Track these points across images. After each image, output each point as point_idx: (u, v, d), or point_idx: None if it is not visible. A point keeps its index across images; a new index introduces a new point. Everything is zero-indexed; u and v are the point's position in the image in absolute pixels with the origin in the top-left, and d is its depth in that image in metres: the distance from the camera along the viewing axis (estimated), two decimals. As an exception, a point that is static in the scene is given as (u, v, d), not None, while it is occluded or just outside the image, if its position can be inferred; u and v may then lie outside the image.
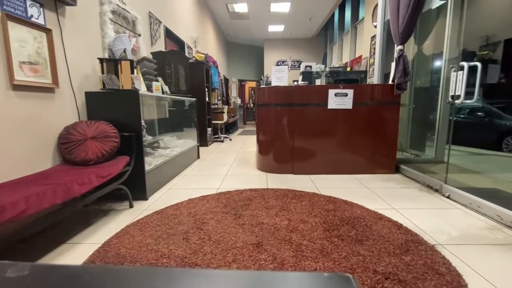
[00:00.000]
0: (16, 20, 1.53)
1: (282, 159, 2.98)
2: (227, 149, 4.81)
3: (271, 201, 2.08)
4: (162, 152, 2.86)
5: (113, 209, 1.97)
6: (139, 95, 2.07)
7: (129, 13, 2.78)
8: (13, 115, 1.52)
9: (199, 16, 6.27)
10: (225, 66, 10.20)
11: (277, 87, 2.95)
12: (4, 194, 1.19)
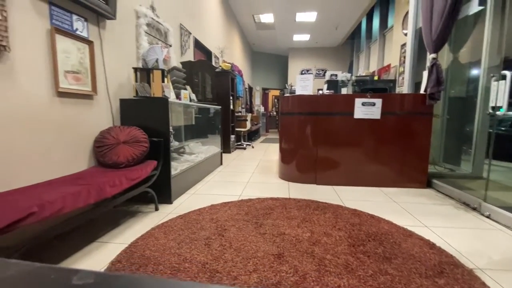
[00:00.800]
0: (63, 33, 1.69)
1: (305, 169, 2.93)
2: (249, 156, 4.84)
3: (293, 211, 2.05)
4: (187, 157, 2.95)
5: (140, 211, 2.05)
6: (169, 102, 2.16)
7: (162, 25, 2.94)
8: (56, 119, 1.66)
9: (227, 27, 6.48)
10: (249, 74, 10.38)
11: (301, 96, 2.93)
12: (44, 192, 1.29)
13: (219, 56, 5.64)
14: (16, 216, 1.02)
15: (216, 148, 3.80)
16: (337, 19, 7.59)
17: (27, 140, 1.48)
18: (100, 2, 1.90)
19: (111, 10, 2.00)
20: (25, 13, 1.46)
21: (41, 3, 1.55)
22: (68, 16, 1.73)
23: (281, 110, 3.13)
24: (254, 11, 7.14)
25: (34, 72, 1.51)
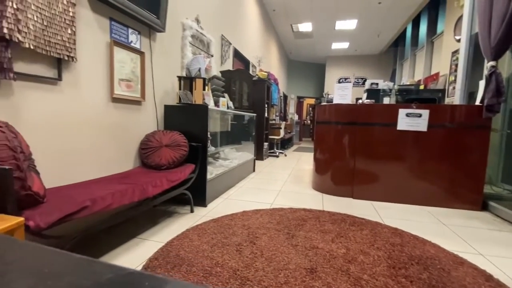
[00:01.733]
0: (119, 45, 1.87)
1: (340, 181, 2.82)
2: (282, 164, 4.80)
3: (327, 225, 1.97)
4: (222, 162, 3.03)
5: (176, 212, 2.15)
6: (208, 109, 2.26)
7: (205, 36, 3.11)
8: (110, 122, 1.83)
9: (265, 37, 6.61)
10: (285, 83, 10.40)
11: (339, 105, 2.85)
12: (96, 189, 1.42)
13: (256, 65, 5.76)
14: (72, 209, 1.14)
15: (249, 155, 3.85)
16: (379, 26, 7.29)
17: (85, 140, 1.65)
18: (152, 17, 2.08)
19: (161, 24, 2.18)
20: (90, 28, 1.66)
21: (103, 19, 1.75)
22: (124, 30, 1.92)
23: (317, 118, 3.07)
24: (292, 20, 7.19)
25: (95, 80, 1.69)
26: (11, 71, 1.20)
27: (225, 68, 3.96)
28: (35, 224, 0.98)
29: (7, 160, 0.99)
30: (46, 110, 1.41)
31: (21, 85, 1.29)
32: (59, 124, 1.48)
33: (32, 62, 1.34)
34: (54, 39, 1.39)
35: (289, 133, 8.08)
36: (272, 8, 6.51)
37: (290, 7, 6.39)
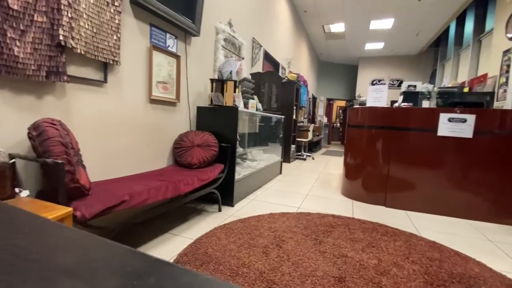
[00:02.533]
0: (158, 49, 1.98)
1: (372, 187, 2.69)
2: (309, 168, 4.71)
3: (357, 233, 1.89)
4: (249, 163, 3.05)
5: (205, 210, 2.21)
6: (238, 111, 2.30)
7: (237, 39, 3.17)
8: (147, 122, 1.94)
9: (295, 39, 6.56)
10: (314, 84, 10.22)
11: (373, 108, 2.73)
12: (134, 184, 1.51)
13: (286, 67, 5.73)
14: (112, 202, 1.22)
15: (276, 157, 3.83)
16: (418, 25, 6.86)
17: (125, 139, 1.77)
18: (189, 22, 2.17)
19: (196, 28, 2.26)
20: (132, 34, 1.77)
21: (145, 25, 1.86)
22: (163, 35, 2.03)
23: (349, 122, 2.97)
24: (324, 21, 7.04)
25: (135, 82, 1.81)
26: (65, 74, 1.33)
27: (255, 70, 3.99)
28: (81, 214, 1.07)
29: (60, 155, 1.09)
30: (93, 110, 1.54)
31: (72, 87, 1.43)
32: (103, 123, 1.61)
33: (82, 66, 1.47)
34: (101, 45, 1.51)
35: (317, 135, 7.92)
36: (304, 9, 6.44)
37: (322, 7, 6.27)
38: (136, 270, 0.10)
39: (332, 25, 7.23)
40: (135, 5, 1.75)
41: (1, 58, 1.12)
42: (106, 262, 0.11)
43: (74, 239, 0.14)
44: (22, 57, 1.18)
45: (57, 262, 0.10)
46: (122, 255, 0.11)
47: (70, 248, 0.12)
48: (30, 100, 1.26)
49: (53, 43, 1.28)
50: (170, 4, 1.95)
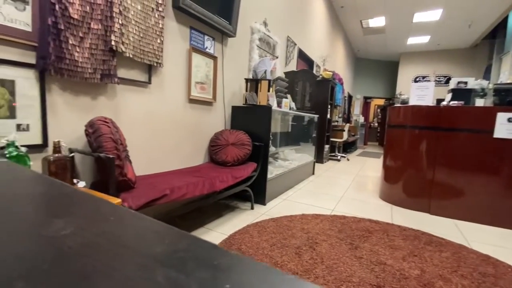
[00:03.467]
0: (197, 51, 2.06)
1: (415, 193, 2.50)
2: (344, 169, 4.54)
3: (397, 240, 1.78)
4: (281, 163, 3.04)
5: (238, 207, 2.26)
6: (272, 110, 2.30)
7: (272, 39, 3.17)
8: (186, 121, 2.04)
9: (331, 36, 6.36)
10: (350, 82, 9.81)
11: (417, 107, 2.53)
12: (174, 179, 1.60)
13: (321, 65, 5.59)
14: (155, 195, 1.31)
15: (309, 157, 3.76)
16: (470, 15, 6.20)
17: (166, 136, 1.88)
18: (226, 23, 2.22)
19: (233, 29, 2.31)
20: (174, 37, 1.87)
21: (185, 28, 1.95)
22: (201, 37, 2.10)
23: (389, 121, 2.79)
24: (362, 16, 6.72)
25: (176, 83, 1.91)
26: (115, 76, 1.45)
27: (289, 69, 3.96)
28: (128, 206, 1.16)
29: (111, 150, 1.20)
30: (138, 109, 1.66)
31: (121, 88, 1.55)
32: (147, 121, 1.72)
33: (130, 68, 1.59)
34: (147, 48, 1.62)
35: (353, 136, 7.59)
36: (340, 5, 6.20)
37: (360, 1, 5.98)
38: (222, 264, 0.11)
39: (371, 20, 6.86)
40: (177, 9, 1.84)
41: (64, 62, 1.26)
42: (193, 253, 0.12)
43: (156, 229, 0.15)
44: (80, 62, 1.31)
45: (148, 250, 0.11)
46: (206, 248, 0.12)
47: (154, 237, 0.14)
48: (87, 101, 1.40)
49: (106, 48, 1.40)
50: (208, 6, 2.02)
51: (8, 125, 1.13)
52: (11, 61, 1.12)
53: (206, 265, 0.10)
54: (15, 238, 0.12)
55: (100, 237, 0.13)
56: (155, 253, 0.11)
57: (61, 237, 0.12)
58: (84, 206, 0.18)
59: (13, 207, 0.17)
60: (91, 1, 1.33)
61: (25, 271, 0.09)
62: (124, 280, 0.09)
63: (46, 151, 1.25)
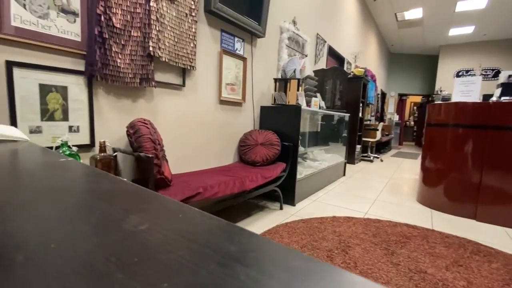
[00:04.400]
0: (227, 53, 2.11)
1: (458, 197, 2.31)
2: (377, 171, 4.33)
3: (438, 247, 1.66)
4: (310, 163, 2.99)
5: (267, 207, 2.26)
6: (301, 110, 2.27)
7: (301, 37, 3.13)
8: (217, 121, 2.09)
9: (362, 31, 6.10)
10: (384, 79, 9.33)
11: (462, 103, 2.33)
12: (206, 178, 1.65)
13: (352, 62, 5.39)
14: (190, 193, 1.36)
15: (339, 157, 3.64)
16: (527, -1, 5.54)
17: (199, 136, 1.94)
18: (255, 24, 2.24)
19: (262, 30, 2.32)
20: (206, 40, 1.93)
21: (216, 31, 2.00)
22: (231, 39, 2.14)
23: (429, 120, 2.61)
24: (397, 8, 6.34)
25: (207, 85, 1.97)
26: (153, 80, 1.53)
27: (318, 67, 3.88)
28: (165, 203, 1.22)
29: (150, 150, 1.27)
30: (173, 111, 1.74)
31: (158, 91, 1.64)
32: (181, 122, 1.80)
33: (166, 72, 1.67)
34: (181, 52, 1.69)
35: (387, 135, 7.21)
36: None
37: (395, -7, 5.66)
38: (298, 267, 0.11)
39: (407, 12, 6.46)
40: (209, 13, 1.90)
41: (108, 69, 1.36)
42: (266, 254, 0.12)
43: (223, 228, 0.15)
44: (122, 67, 1.41)
45: (223, 248, 0.12)
46: (277, 249, 0.12)
47: (225, 236, 0.14)
48: (128, 103, 1.50)
49: (144, 54, 1.49)
50: (238, 9, 2.05)
51: (62, 126, 1.26)
52: (64, 69, 1.24)
53: (282, 267, 0.11)
54: (102, 231, 0.14)
55: (176, 233, 0.14)
56: (230, 251, 0.12)
57: (140, 232, 0.13)
58: (151, 203, 0.19)
59: (91, 202, 0.19)
60: (131, 11, 1.42)
61: (121, 264, 0.10)
62: (211, 277, 0.10)
63: (93, 150, 1.36)
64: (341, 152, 3.79)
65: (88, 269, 0.10)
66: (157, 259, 0.11)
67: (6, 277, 0.10)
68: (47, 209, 0.17)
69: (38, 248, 0.12)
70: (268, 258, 0.11)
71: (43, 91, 1.19)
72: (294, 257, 0.12)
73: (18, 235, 0.13)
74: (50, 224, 0.15)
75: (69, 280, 0.09)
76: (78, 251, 0.11)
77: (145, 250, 0.12)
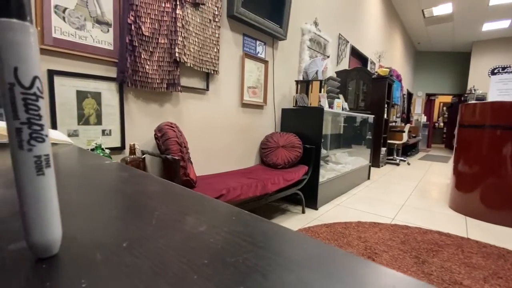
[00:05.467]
0: (249, 57, 2.13)
1: (496, 203, 2.14)
2: (404, 174, 4.14)
3: (474, 257, 1.55)
4: (333, 166, 2.92)
5: (288, 210, 2.24)
6: (324, 111, 2.23)
7: (322, 38, 3.09)
8: (239, 124, 2.11)
9: (387, 30, 5.90)
10: (410, 78, 8.93)
11: (499, 103, 2.17)
12: (229, 180, 1.67)
13: (376, 62, 5.22)
14: (213, 195, 1.38)
15: (364, 161, 3.53)
16: None
17: (221, 139, 1.97)
18: (276, 27, 2.25)
19: (283, 32, 2.32)
20: (228, 45, 1.96)
21: (238, 35, 2.03)
22: (253, 42, 2.16)
23: (461, 121, 2.45)
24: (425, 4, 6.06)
25: (230, 89, 2.00)
26: (179, 85, 1.58)
27: (341, 68, 3.79)
28: (191, 204, 1.25)
29: (176, 152, 1.31)
30: (198, 114, 1.78)
31: (183, 96, 1.69)
32: (205, 126, 1.84)
33: (191, 77, 1.72)
34: (205, 58, 1.73)
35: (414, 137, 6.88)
36: (398, -5, 5.71)
37: (422, -11, 5.42)
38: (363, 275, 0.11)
39: (436, 8, 6.15)
40: (231, 18, 1.93)
41: (138, 75, 1.43)
42: (332, 261, 0.12)
43: (281, 232, 0.16)
44: (150, 73, 1.47)
45: (286, 253, 0.12)
46: (340, 256, 0.12)
47: (284, 240, 0.14)
48: (155, 108, 1.56)
49: (171, 60, 1.55)
50: (260, 12, 2.07)
51: (96, 130, 1.34)
52: (98, 76, 1.32)
53: (352, 273, 0.11)
54: (165, 232, 0.15)
55: (235, 236, 0.14)
56: (293, 256, 0.12)
57: (200, 233, 0.14)
58: (201, 204, 0.20)
59: (145, 203, 0.20)
60: (159, 19, 1.48)
61: (192, 264, 0.11)
62: (281, 282, 0.10)
63: (124, 152, 1.43)
64: (365, 155, 3.67)
65: (164, 269, 0.10)
66: (224, 261, 0.11)
67: (95, 275, 0.10)
68: (108, 209, 0.19)
69: (112, 247, 0.13)
70: (337, 267, 0.11)
71: (79, 97, 1.27)
72: (359, 264, 0.11)
73: (89, 234, 0.14)
74: (115, 223, 0.16)
75: (152, 280, 0.10)
76: (149, 251, 0.12)
77: (211, 252, 0.12)
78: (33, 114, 0.10)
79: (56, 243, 0.12)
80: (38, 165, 0.11)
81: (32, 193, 0.11)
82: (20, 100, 0.10)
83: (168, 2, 1.50)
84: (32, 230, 0.11)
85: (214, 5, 1.75)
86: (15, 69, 0.10)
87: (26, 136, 0.10)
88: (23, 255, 0.12)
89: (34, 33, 0.10)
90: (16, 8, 0.10)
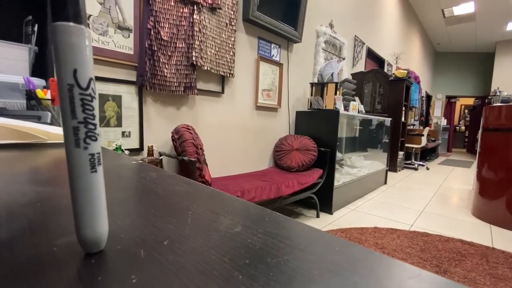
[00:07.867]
0: (264, 60, 2.13)
1: (524, 212, 2.02)
2: (423, 179, 3.99)
3: (501, 268, 1.46)
4: (348, 170, 2.86)
5: (302, 214, 2.22)
6: (339, 114, 2.20)
7: (338, 40, 3.05)
8: (253, 127, 2.12)
9: (405, 30, 5.75)
10: (429, 80, 8.65)
11: (527, 107, 2.06)
12: (243, 182, 1.67)
13: (393, 63, 5.10)
14: (228, 197, 1.39)
15: (380, 165, 3.44)
16: None
17: (236, 142, 1.99)
18: (291, 30, 2.25)
19: (298, 35, 2.32)
20: (244, 48, 1.98)
21: (253, 38, 2.05)
22: (268, 45, 2.17)
23: (485, 124, 2.34)
24: (445, 4, 5.87)
25: (244, 92, 2.01)
26: (195, 88, 1.61)
27: (356, 70, 3.73)
28: (206, 205, 1.26)
29: (192, 154, 1.33)
30: (213, 117, 1.81)
31: (199, 98, 1.72)
32: (219, 128, 1.86)
33: (207, 80, 1.75)
34: (221, 61, 1.75)
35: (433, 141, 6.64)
36: (416, -5, 5.57)
37: (442, -12, 5.25)
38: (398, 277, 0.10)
39: (456, 7, 5.94)
40: (247, 22, 1.95)
41: (156, 78, 1.46)
42: (370, 265, 0.12)
43: (315, 234, 0.15)
44: (169, 77, 1.51)
45: (324, 255, 0.12)
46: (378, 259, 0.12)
47: (321, 242, 0.14)
48: (172, 110, 1.59)
49: (188, 63, 1.58)
50: (275, 15, 2.08)
51: (116, 132, 1.38)
52: (119, 79, 1.36)
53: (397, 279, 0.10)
54: (202, 231, 0.15)
55: (271, 237, 0.14)
56: (336, 260, 0.12)
57: (236, 234, 0.14)
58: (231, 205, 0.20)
59: (177, 203, 0.20)
60: (177, 24, 1.52)
61: (234, 264, 0.11)
62: (326, 284, 0.10)
63: (142, 154, 1.46)
64: (382, 158, 3.58)
65: (210, 268, 0.11)
66: (266, 262, 0.11)
67: (143, 271, 0.11)
68: (143, 208, 0.19)
69: (153, 244, 0.13)
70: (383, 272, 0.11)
71: (101, 100, 1.32)
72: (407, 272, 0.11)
73: (131, 231, 0.15)
74: (153, 222, 0.16)
75: (199, 279, 0.10)
76: (190, 250, 0.12)
77: (251, 252, 0.12)
78: (89, 113, 0.11)
79: (103, 239, 0.12)
80: (92, 162, 0.12)
81: (86, 189, 0.11)
82: (78, 100, 0.11)
83: (186, 7, 1.54)
84: (84, 225, 0.12)
85: (230, 9, 1.78)
86: (74, 71, 0.10)
87: (83, 134, 0.11)
88: (71, 249, 0.12)
89: (89, 36, 0.11)
90: (73, 13, 0.10)
